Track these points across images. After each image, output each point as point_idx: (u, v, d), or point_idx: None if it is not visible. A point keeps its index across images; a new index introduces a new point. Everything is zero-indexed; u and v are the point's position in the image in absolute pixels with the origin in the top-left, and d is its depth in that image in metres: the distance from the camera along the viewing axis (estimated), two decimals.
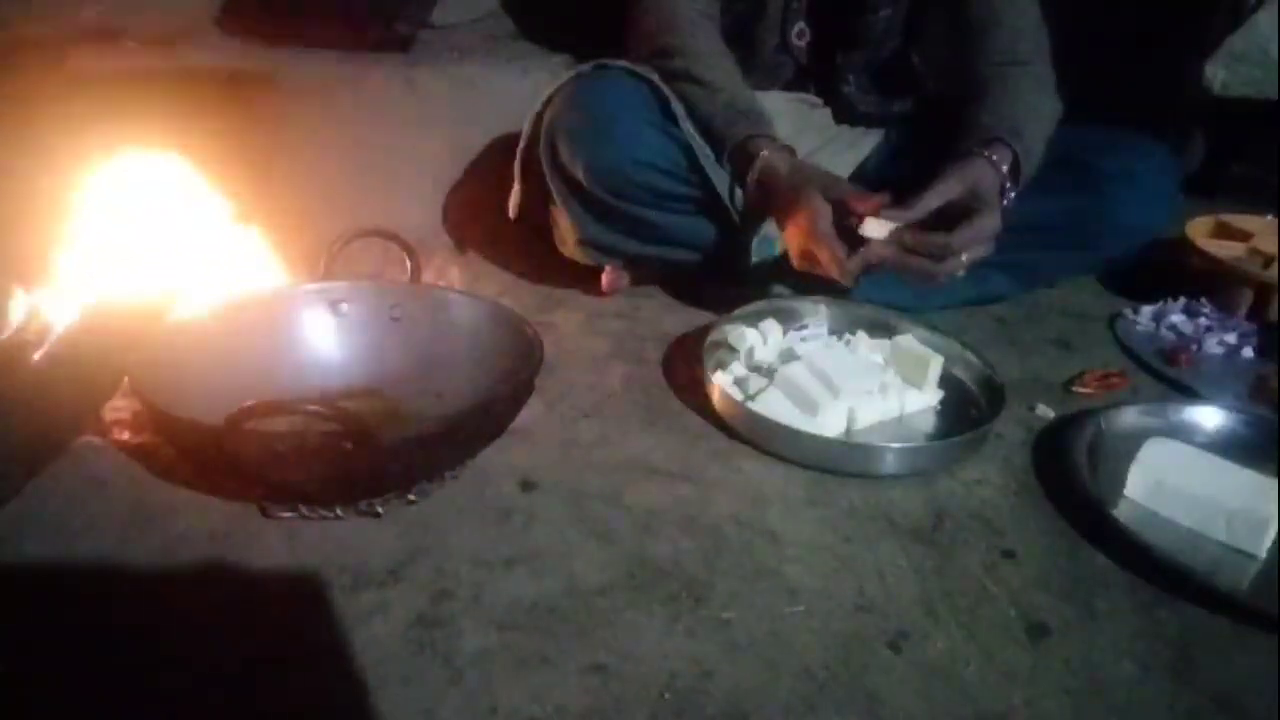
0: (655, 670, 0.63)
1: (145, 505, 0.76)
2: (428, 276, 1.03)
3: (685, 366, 1.02)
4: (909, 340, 0.99)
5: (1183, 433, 0.92)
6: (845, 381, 0.91)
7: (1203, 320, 1.18)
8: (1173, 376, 1.07)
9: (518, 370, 0.84)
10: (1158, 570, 0.75)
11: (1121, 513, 0.81)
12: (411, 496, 0.78)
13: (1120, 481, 0.84)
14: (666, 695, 0.62)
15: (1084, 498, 0.82)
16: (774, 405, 0.90)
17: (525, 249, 1.23)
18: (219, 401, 0.69)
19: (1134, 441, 0.87)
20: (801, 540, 0.77)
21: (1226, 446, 0.90)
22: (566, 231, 1.11)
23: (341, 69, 1.26)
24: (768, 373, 0.95)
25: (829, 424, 0.90)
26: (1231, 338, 1.15)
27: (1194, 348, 1.12)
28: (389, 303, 0.94)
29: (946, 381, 1.00)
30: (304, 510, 0.75)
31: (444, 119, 1.29)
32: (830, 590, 0.72)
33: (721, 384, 0.93)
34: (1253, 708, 0.64)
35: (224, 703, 0.60)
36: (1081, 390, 1.03)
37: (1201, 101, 1.69)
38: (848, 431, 0.92)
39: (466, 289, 1.11)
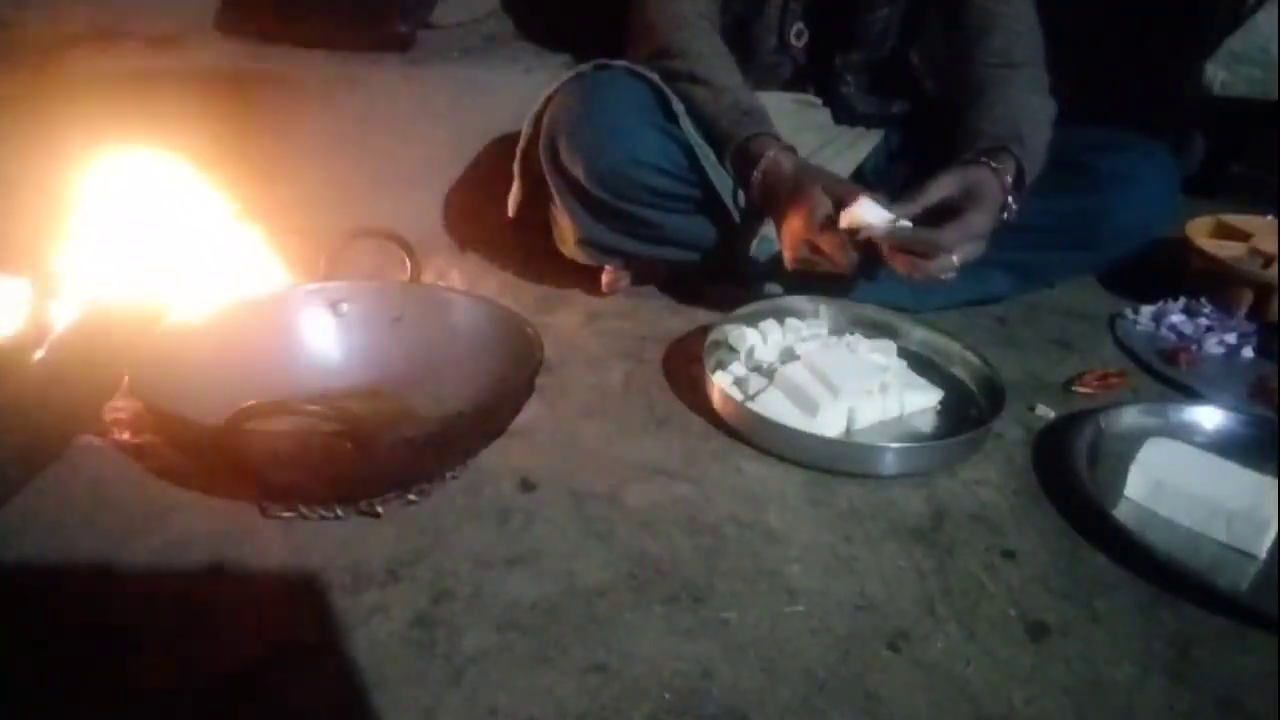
0: (655, 670, 0.63)
1: (145, 505, 0.76)
2: (428, 277, 1.04)
3: (685, 366, 1.02)
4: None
5: (1183, 433, 0.92)
6: (845, 381, 0.91)
7: (1203, 320, 1.18)
8: (1172, 377, 1.07)
9: (518, 370, 0.84)
10: (1158, 570, 0.75)
11: (1121, 513, 0.81)
12: (412, 497, 0.78)
13: (1120, 481, 0.84)
14: (666, 695, 0.62)
15: (1084, 498, 0.82)
16: (774, 405, 0.90)
17: (525, 249, 1.23)
18: (219, 402, 0.69)
19: (1134, 441, 0.87)
20: (801, 540, 0.77)
21: (1227, 446, 0.90)
22: (566, 231, 1.11)
23: (342, 69, 1.26)
24: (768, 372, 0.96)
25: (829, 424, 0.90)
26: (1231, 338, 1.15)
27: (1194, 348, 1.12)
28: (389, 303, 0.94)
29: (947, 381, 1.00)
30: (304, 510, 0.75)
31: (444, 119, 1.29)
32: (830, 590, 0.72)
33: (721, 384, 0.93)
34: (1253, 708, 0.64)
35: (225, 702, 0.60)
36: (1081, 390, 1.03)
37: (1201, 102, 1.69)
38: (848, 431, 0.92)
39: (466, 289, 1.11)
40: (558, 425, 0.91)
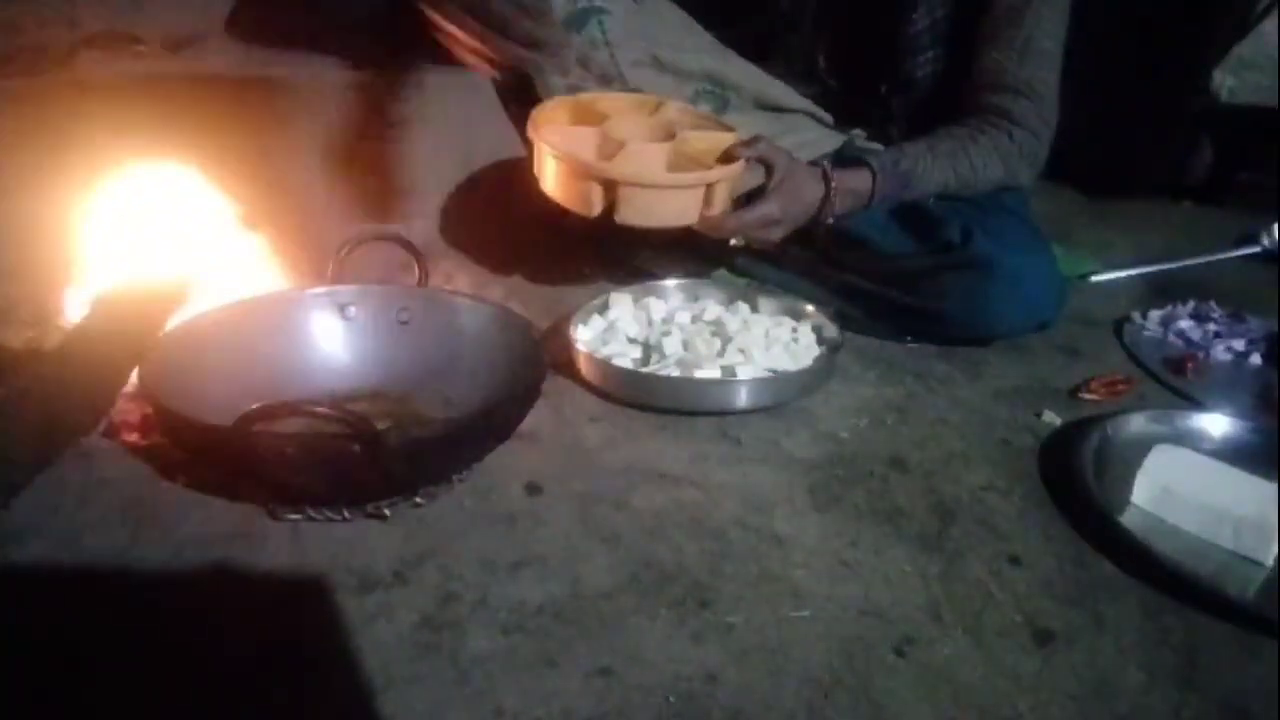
0: (660, 674, 0.63)
1: (153, 506, 0.77)
2: (435, 281, 1.04)
3: None
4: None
5: (1190, 440, 0.92)
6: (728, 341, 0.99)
7: (1211, 326, 1.18)
8: (1178, 386, 1.06)
9: (524, 374, 0.84)
10: (1164, 577, 0.75)
11: (1128, 519, 0.81)
12: (418, 499, 0.78)
13: (1127, 488, 0.84)
14: (671, 699, 0.62)
15: (1091, 504, 0.82)
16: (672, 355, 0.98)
17: (532, 253, 1.24)
18: (228, 404, 0.69)
19: (1141, 448, 0.87)
20: (807, 545, 0.77)
21: (1234, 454, 0.89)
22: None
23: (352, 74, 1.27)
24: (643, 344, 1.02)
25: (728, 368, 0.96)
26: (1240, 344, 1.14)
27: (1201, 355, 1.12)
28: (396, 306, 0.94)
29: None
30: (311, 512, 0.76)
31: (452, 123, 1.29)
32: (835, 595, 0.72)
33: (580, 337, 1.00)
34: (1260, 715, 0.64)
35: (230, 703, 0.60)
36: (1088, 397, 1.03)
37: (1209, 108, 1.69)
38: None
39: (473, 293, 1.12)
40: (564, 429, 0.91)
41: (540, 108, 1.03)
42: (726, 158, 1.00)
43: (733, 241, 1.06)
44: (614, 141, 0.97)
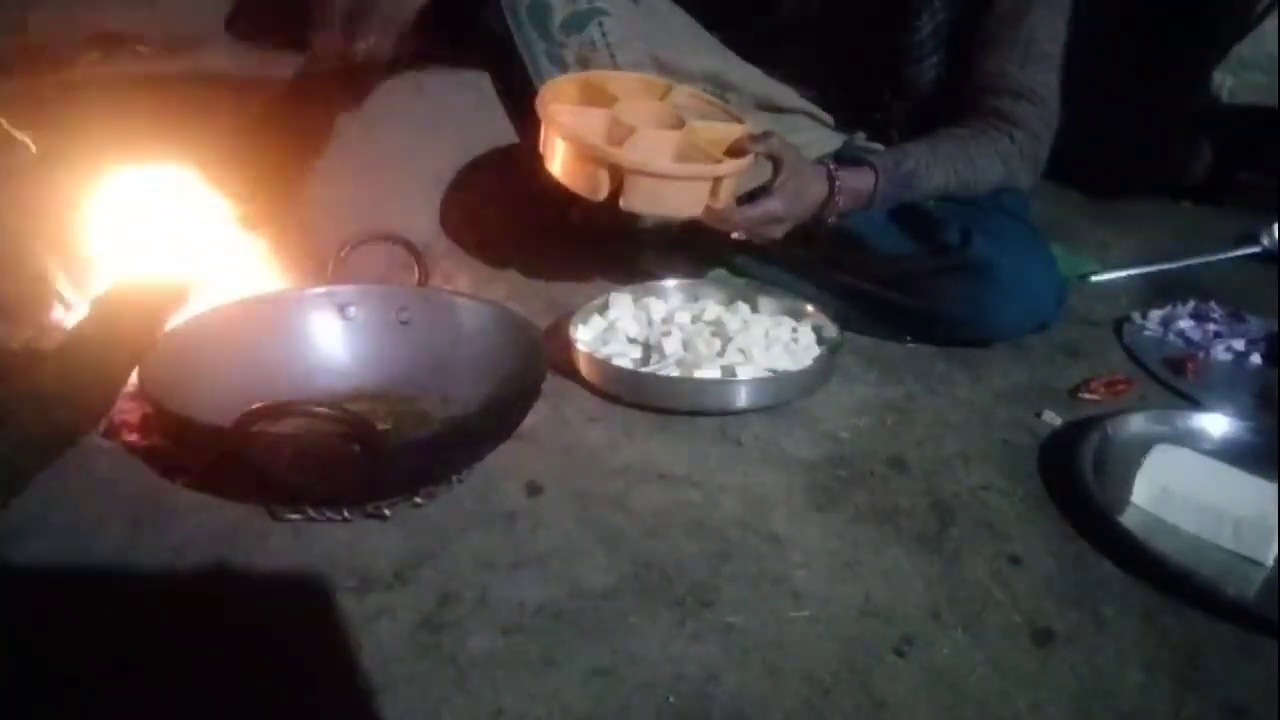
0: (660, 674, 0.63)
1: (153, 506, 0.77)
2: (435, 281, 1.04)
3: None
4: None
5: (1190, 440, 0.92)
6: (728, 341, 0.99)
7: (1211, 326, 1.18)
8: (1178, 386, 1.06)
9: (524, 374, 0.84)
10: (1164, 577, 0.75)
11: (1128, 519, 0.81)
12: (418, 499, 0.78)
13: (1127, 488, 0.84)
14: (671, 699, 0.62)
15: (1090, 504, 0.82)
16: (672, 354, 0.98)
17: (532, 253, 1.24)
18: (228, 404, 0.69)
19: (1141, 448, 0.87)
20: (807, 545, 0.77)
21: (1233, 454, 0.90)
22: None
23: (351, 74, 1.26)
24: (643, 344, 1.02)
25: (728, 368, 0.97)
26: (1240, 344, 1.14)
27: (1201, 355, 1.12)
28: (396, 306, 0.94)
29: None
30: (311, 512, 0.75)
31: (452, 123, 1.29)
32: (836, 595, 0.72)
33: (580, 337, 1.00)
34: (1259, 715, 0.64)
35: (230, 704, 0.60)
36: (1088, 397, 1.03)
37: (1209, 109, 1.69)
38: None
39: (473, 293, 1.12)
40: (564, 429, 0.91)
41: (550, 85, 1.02)
42: (735, 150, 0.99)
43: (734, 236, 1.06)
44: (624, 126, 0.96)
